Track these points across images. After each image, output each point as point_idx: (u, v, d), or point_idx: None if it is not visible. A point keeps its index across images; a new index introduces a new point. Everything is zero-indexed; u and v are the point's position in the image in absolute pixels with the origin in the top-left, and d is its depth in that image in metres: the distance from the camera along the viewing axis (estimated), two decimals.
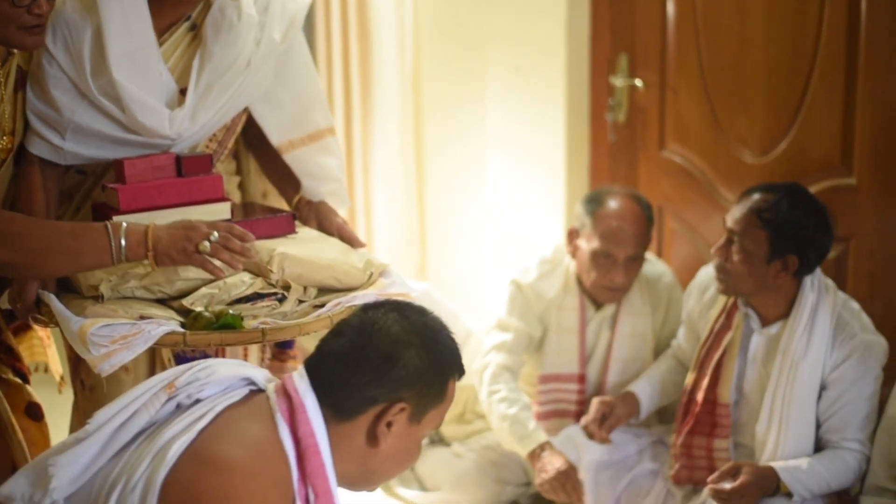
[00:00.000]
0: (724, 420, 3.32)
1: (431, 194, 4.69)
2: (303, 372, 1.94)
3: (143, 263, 2.20)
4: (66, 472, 1.82)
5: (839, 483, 3.15)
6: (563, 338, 3.70)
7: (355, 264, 2.36)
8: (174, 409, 1.91)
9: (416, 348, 1.92)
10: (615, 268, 3.57)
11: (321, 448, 1.87)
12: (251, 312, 2.23)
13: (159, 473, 1.76)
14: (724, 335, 3.33)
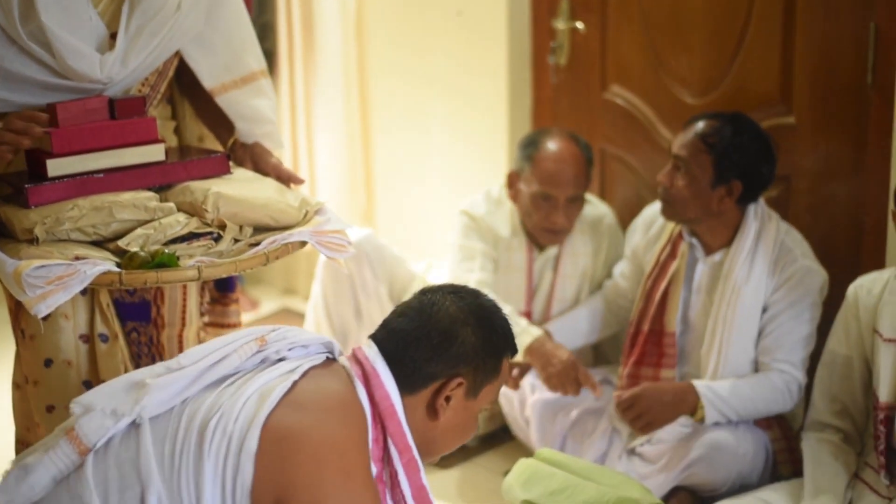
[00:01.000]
0: (671, 350, 3.42)
1: (375, 140, 4.74)
2: (371, 343, 2.12)
3: (78, 204, 2.26)
4: (156, 394, 1.94)
5: (767, 406, 3.27)
6: (510, 276, 3.79)
7: (291, 203, 2.42)
8: (259, 362, 2.05)
9: (472, 327, 2.12)
10: (556, 210, 3.65)
11: (397, 409, 2.05)
12: (187, 252, 2.28)
13: (262, 411, 1.91)
14: (670, 265, 3.43)
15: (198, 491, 1.88)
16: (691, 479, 3.28)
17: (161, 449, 1.91)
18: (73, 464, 1.93)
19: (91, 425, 1.93)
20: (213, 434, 1.90)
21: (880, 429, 2.96)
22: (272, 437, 1.90)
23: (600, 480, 2.89)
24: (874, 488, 3.02)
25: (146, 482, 1.88)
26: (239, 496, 1.88)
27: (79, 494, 1.89)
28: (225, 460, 1.89)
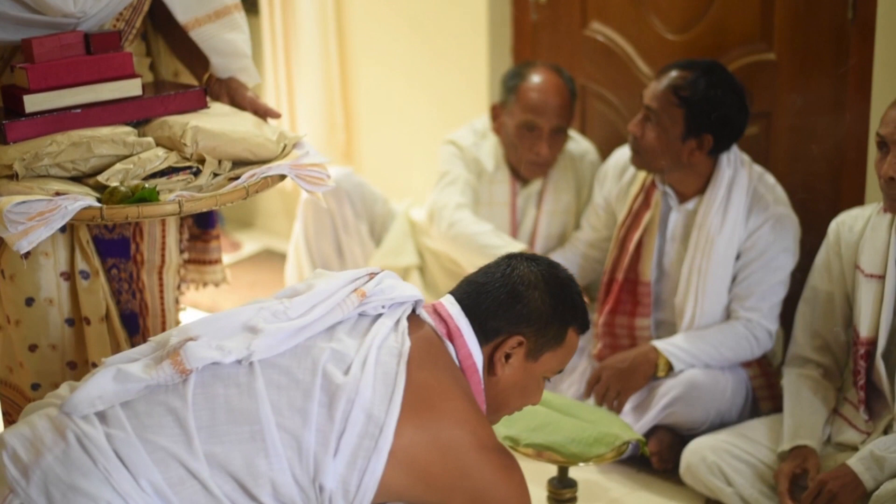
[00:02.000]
0: (646, 299, 3.47)
1: (354, 78, 4.75)
2: (452, 300, 2.20)
3: (56, 140, 2.29)
4: (267, 339, 2.00)
5: (734, 353, 3.35)
6: (494, 210, 3.84)
7: (269, 137, 2.44)
8: (357, 316, 2.12)
9: (541, 292, 2.18)
10: (540, 140, 3.69)
11: (479, 368, 2.13)
12: (167, 186, 2.31)
13: (401, 362, 2.02)
14: (643, 214, 3.46)
15: (324, 446, 1.95)
16: (670, 419, 3.36)
17: (276, 395, 1.97)
18: (172, 382, 1.99)
19: (196, 353, 1.98)
20: (350, 405, 1.97)
21: (860, 364, 3.02)
22: (409, 409, 1.99)
23: (581, 416, 2.94)
24: (853, 423, 3.10)
25: (260, 424, 1.94)
26: (368, 477, 1.96)
27: (174, 408, 1.96)
28: (361, 439, 1.96)
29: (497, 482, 2.03)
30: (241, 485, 1.94)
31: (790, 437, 3.08)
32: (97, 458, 1.91)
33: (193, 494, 1.93)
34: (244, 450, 1.94)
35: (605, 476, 3.37)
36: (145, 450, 1.92)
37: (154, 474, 1.91)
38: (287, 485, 1.95)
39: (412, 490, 2.00)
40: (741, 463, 3.13)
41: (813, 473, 2.98)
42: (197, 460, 1.92)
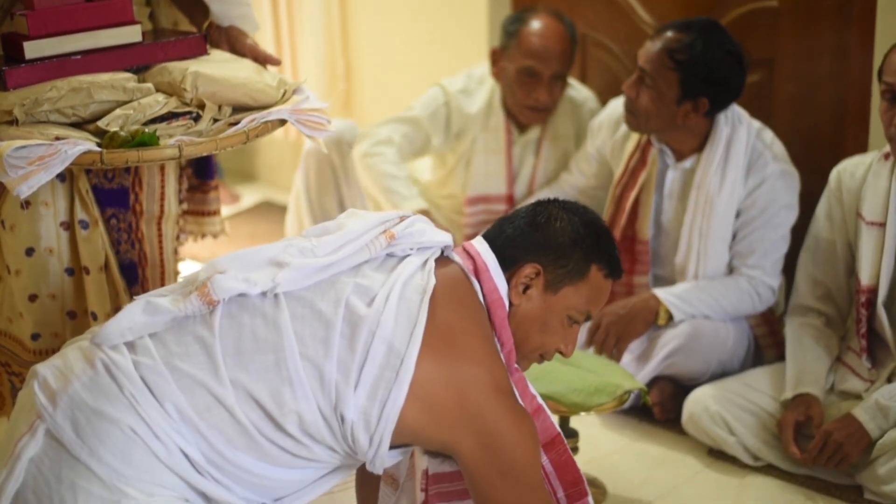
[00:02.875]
0: (644, 257, 3.49)
1: (355, 29, 4.75)
2: (481, 239, 2.23)
3: (56, 85, 2.30)
4: (292, 273, 2.04)
5: (734, 307, 3.36)
6: (489, 159, 3.85)
7: (268, 82, 2.45)
8: (385, 256, 2.15)
9: (563, 223, 2.21)
10: (539, 86, 3.70)
11: (504, 303, 2.15)
12: (167, 132, 2.33)
13: (424, 297, 2.05)
14: (640, 172, 3.47)
15: (345, 376, 1.99)
16: (672, 369, 3.39)
17: (300, 326, 2.02)
18: (200, 313, 2.04)
19: (223, 284, 2.02)
20: (371, 336, 2.01)
21: (862, 312, 3.05)
22: (428, 344, 2.02)
23: (583, 366, 2.97)
24: (856, 371, 3.13)
25: (284, 353, 1.99)
26: (389, 408, 1.99)
27: (202, 337, 2.01)
28: (382, 370, 2.00)
29: (509, 426, 2.04)
30: (267, 414, 1.98)
31: (793, 385, 3.12)
32: (124, 384, 1.96)
33: (220, 422, 1.97)
34: (269, 378, 1.98)
35: (606, 426, 3.40)
36: (172, 377, 1.97)
37: (180, 400, 1.96)
38: (313, 415, 1.99)
39: (425, 428, 2.03)
40: (744, 412, 3.16)
41: (817, 421, 3.02)
42: (223, 387, 1.97)
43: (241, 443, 1.99)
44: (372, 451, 2.02)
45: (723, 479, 3.11)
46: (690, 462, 3.20)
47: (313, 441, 2.02)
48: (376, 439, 2.01)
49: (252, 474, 2.01)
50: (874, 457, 2.94)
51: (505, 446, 2.04)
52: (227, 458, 1.99)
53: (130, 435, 1.94)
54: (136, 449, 1.94)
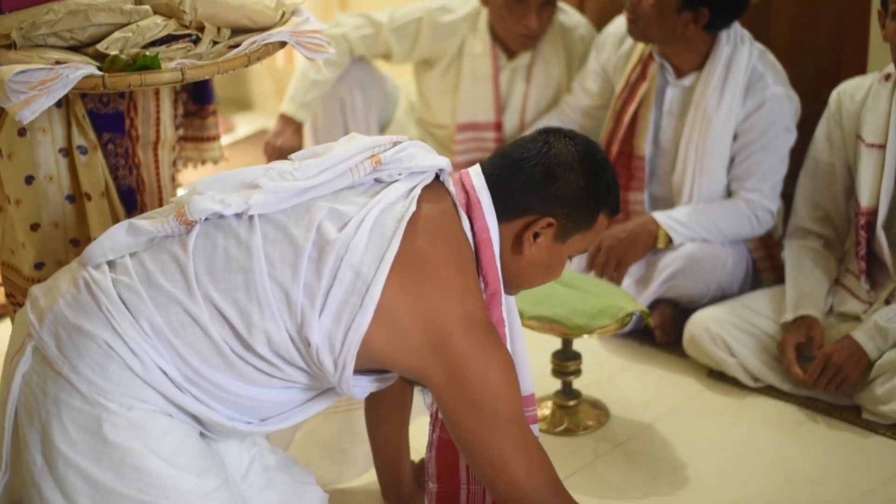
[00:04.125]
0: (640, 173, 3.50)
1: None
2: (479, 170, 2.20)
3: (53, 8, 2.29)
4: (267, 196, 2.05)
5: (733, 230, 3.38)
6: (476, 85, 3.83)
7: (267, 3, 2.43)
8: (373, 181, 2.14)
9: (577, 174, 2.17)
10: (528, 12, 3.68)
11: (493, 242, 2.14)
12: (166, 55, 2.31)
13: (400, 224, 2.03)
14: (640, 87, 3.47)
15: (311, 301, 1.99)
16: (672, 292, 3.41)
17: (271, 248, 2.02)
18: (178, 233, 2.06)
19: (199, 205, 2.04)
20: (339, 261, 2.00)
21: (861, 234, 3.07)
22: (399, 271, 2.01)
23: (585, 289, 2.99)
24: (855, 293, 3.15)
25: (253, 274, 2.00)
26: (352, 333, 2.00)
27: (177, 256, 2.03)
28: (348, 296, 2.00)
29: (477, 357, 2.02)
30: (237, 333, 2.00)
31: (793, 307, 3.14)
32: (101, 300, 2.00)
33: (195, 340, 2.00)
34: (238, 298, 2.00)
35: (608, 349, 3.43)
36: (147, 294, 2.00)
37: (154, 317, 1.99)
38: (281, 336, 2.01)
39: (394, 354, 2.03)
40: (744, 334, 3.18)
41: (817, 342, 3.05)
42: (196, 304, 2.00)
43: (216, 361, 2.01)
44: (337, 374, 2.03)
45: (723, 400, 3.14)
46: (691, 383, 3.23)
47: (285, 362, 2.04)
48: (340, 363, 2.01)
49: (231, 393, 2.04)
50: (872, 377, 2.97)
51: (472, 377, 2.01)
52: (204, 376, 2.01)
53: (107, 349, 1.97)
54: (112, 363, 1.97)
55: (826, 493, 2.68)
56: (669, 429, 2.99)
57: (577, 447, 2.90)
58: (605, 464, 2.83)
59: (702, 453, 2.86)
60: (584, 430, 2.97)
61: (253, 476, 2.25)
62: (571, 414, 3.00)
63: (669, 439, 2.94)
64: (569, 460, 2.83)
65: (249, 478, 2.25)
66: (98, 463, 1.96)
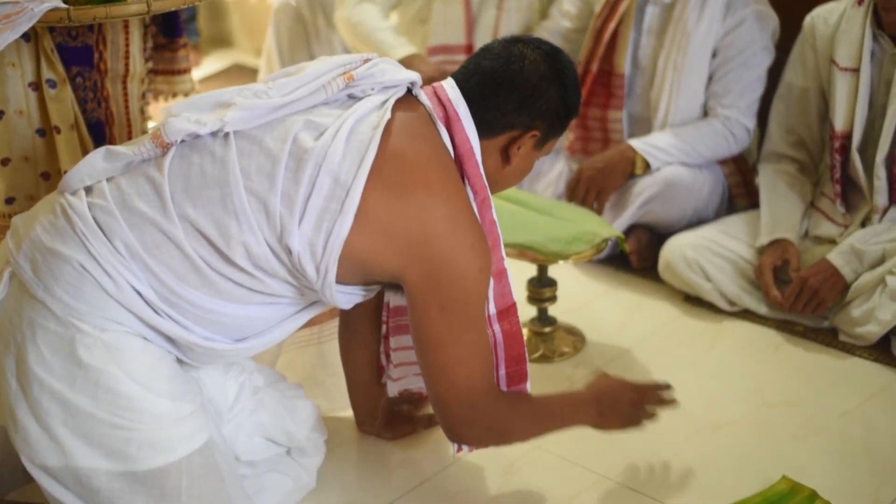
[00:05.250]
0: (619, 91, 3.49)
1: None
2: (453, 84, 2.20)
3: None
4: (241, 113, 2.05)
5: (711, 151, 3.40)
6: (448, 7, 3.80)
7: None
8: (346, 98, 2.14)
9: (558, 87, 2.22)
10: None
11: (476, 152, 2.16)
12: None
13: (377, 131, 2.05)
14: (620, 5, 3.44)
15: (289, 209, 2.01)
16: (647, 217, 3.42)
17: (247, 161, 2.03)
18: (154, 155, 2.07)
19: (174, 126, 2.04)
20: (317, 169, 2.02)
21: (836, 158, 3.07)
22: (386, 160, 2.04)
23: (560, 215, 2.99)
24: (830, 217, 3.16)
25: (230, 188, 2.01)
26: (333, 238, 2.02)
27: (152, 177, 2.04)
28: (327, 203, 2.02)
29: (457, 257, 2.08)
30: (215, 248, 2.02)
31: (768, 230, 3.15)
32: (76, 223, 2.00)
33: (171, 259, 2.01)
34: (215, 212, 2.01)
35: (584, 275, 3.44)
36: (122, 216, 2.01)
37: (129, 238, 2.00)
38: (260, 247, 2.02)
39: (375, 257, 2.07)
40: (720, 259, 3.19)
41: (794, 265, 3.06)
42: (171, 223, 2.00)
43: (193, 280, 2.03)
44: (320, 280, 2.06)
45: (699, 325, 3.16)
46: (667, 309, 3.25)
47: (266, 274, 2.05)
48: (322, 269, 2.04)
49: (208, 311, 2.05)
50: (848, 300, 2.99)
51: (450, 278, 2.08)
52: (180, 296, 2.02)
53: (81, 271, 1.98)
54: (86, 284, 1.99)
55: (803, 415, 2.70)
56: (646, 354, 3.00)
57: (553, 374, 2.92)
58: None
59: (679, 378, 2.85)
60: (561, 356, 2.99)
61: (243, 401, 2.28)
62: (547, 340, 3.01)
63: (646, 364, 2.95)
64: (546, 387, 2.83)
65: (240, 403, 2.27)
66: (72, 385, 1.98)
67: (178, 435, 2.01)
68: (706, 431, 2.65)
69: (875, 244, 2.96)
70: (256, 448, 2.32)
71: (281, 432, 2.33)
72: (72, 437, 1.98)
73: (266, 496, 2.34)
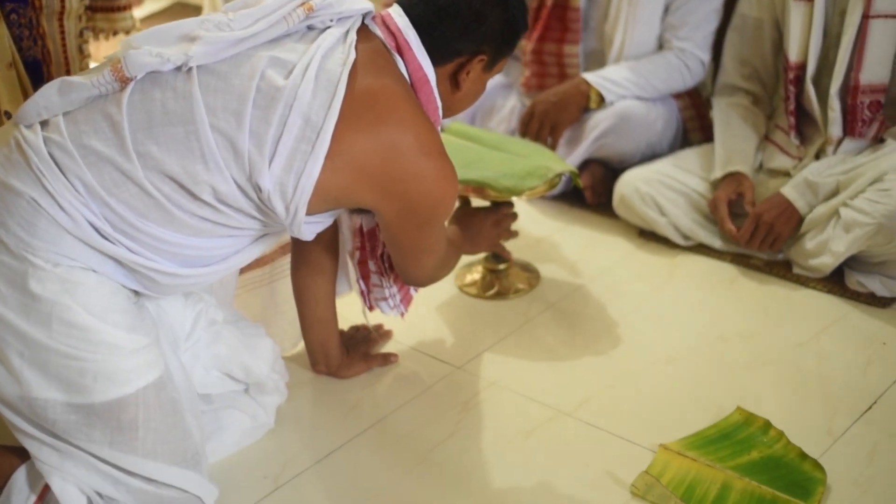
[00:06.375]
0: (575, 24, 3.45)
1: None
2: (401, 11, 2.19)
3: None
4: (205, 47, 2.01)
5: (666, 84, 3.39)
6: None
7: None
8: (306, 29, 2.11)
9: (501, 9, 2.21)
10: None
11: (430, 79, 2.17)
12: None
13: (344, 69, 2.03)
14: None
15: (259, 149, 1.99)
16: (602, 151, 3.41)
17: (212, 98, 2.00)
18: (113, 90, 2.02)
19: (136, 60, 2.00)
20: (288, 109, 1.99)
21: (790, 89, 3.06)
22: (357, 94, 2.03)
23: (511, 150, 2.97)
24: (785, 149, 3.16)
25: (195, 125, 1.98)
26: (304, 179, 2.01)
27: (110, 114, 2.00)
28: (298, 143, 2.00)
29: (431, 188, 2.12)
30: (180, 185, 1.99)
31: (722, 164, 3.15)
32: (31, 158, 1.97)
33: (130, 197, 1.98)
34: (179, 150, 1.98)
35: (538, 211, 3.44)
36: (79, 154, 1.98)
37: (86, 176, 1.97)
38: (227, 185, 2.00)
39: (349, 194, 2.08)
40: (674, 193, 3.19)
41: (748, 198, 3.06)
42: (130, 162, 1.97)
43: (156, 216, 2.01)
44: (289, 218, 2.06)
45: (654, 260, 3.16)
46: (622, 244, 3.25)
47: (232, 209, 2.04)
48: (292, 208, 2.04)
49: (169, 244, 2.04)
50: (802, 232, 3.00)
51: (425, 206, 2.15)
52: (140, 229, 2.01)
53: (35, 206, 1.96)
54: (41, 220, 1.96)
55: (757, 347, 2.72)
56: (601, 289, 3.00)
57: (509, 310, 2.92)
58: (538, 326, 2.85)
59: (635, 312, 2.88)
60: (516, 293, 2.98)
61: (199, 331, 2.29)
62: (502, 278, 3.01)
63: (602, 300, 2.95)
64: (502, 324, 2.84)
65: (196, 333, 2.28)
66: (27, 317, 1.96)
67: (133, 366, 2.00)
68: (661, 365, 2.66)
69: (829, 176, 2.97)
70: (213, 382, 2.33)
71: (238, 367, 2.34)
72: (28, 368, 1.97)
73: (224, 434, 2.35)
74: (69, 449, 2.02)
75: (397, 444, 2.40)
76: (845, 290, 2.94)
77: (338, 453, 2.38)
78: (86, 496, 2.05)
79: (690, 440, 2.35)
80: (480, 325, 2.85)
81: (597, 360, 2.69)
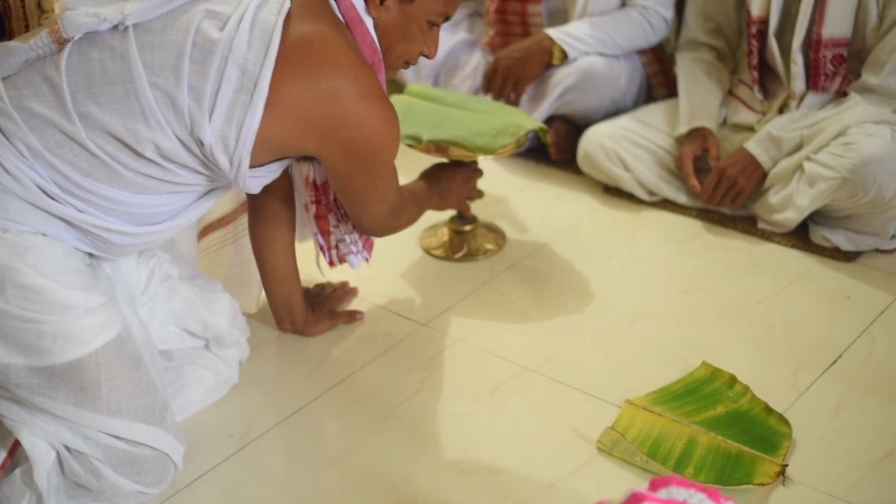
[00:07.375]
0: None
1: None
2: None
3: None
4: (141, 5, 2.00)
5: (628, 41, 3.38)
6: None
7: None
8: None
9: None
10: None
11: (363, 18, 2.19)
12: None
13: (279, 18, 2.01)
14: None
15: (198, 102, 1.97)
16: (566, 108, 3.39)
17: (149, 55, 1.98)
18: (51, 52, 2.01)
19: (72, 21, 1.98)
20: (224, 61, 1.98)
21: (753, 43, 3.06)
22: (291, 45, 2.01)
23: (477, 109, 2.94)
24: (748, 104, 3.16)
25: (134, 83, 1.96)
26: (245, 130, 2.00)
27: (49, 76, 1.98)
28: (237, 94, 1.99)
29: (374, 132, 2.12)
30: (124, 144, 1.99)
31: (687, 119, 3.15)
32: None
33: (75, 158, 1.98)
34: (120, 110, 1.97)
35: (503, 170, 3.43)
36: (21, 118, 1.96)
37: (29, 139, 1.96)
38: (170, 142, 2.00)
39: (291, 142, 2.07)
40: (639, 149, 3.19)
41: (713, 153, 3.06)
42: (72, 123, 1.96)
43: (101, 175, 2.00)
44: (233, 171, 2.05)
45: (619, 216, 3.17)
46: (587, 200, 3.25)
47: (176, 165, 2.03)
48: (235, 160, 2.03)
49: (117, 202, 2.03)
50: (766, 187, 3.01)
51: (368, 152, 2.15)
52: (87, 189, 1.99)
53: None
54: None
55: (723, 302, 2.73)
56: (567, 246, 3.00)
57: (475, 269, 2.91)
58: (503, 283, 2.85)
59: (600, 268, 2.89)
60: (484, 254, 2.97)
61: (154, 286, 2.28)
62: (469, 239, 2.99)
63: (568, 256, 2.95)
64: (467, 282, 2.84)
65: (151, 289, 2.27)
66: None
67: (90, 325, 1.99)
68: (627, 320, 2.66)
69: (792, 130, 2.97)
70: (171, 338, 2.32)
71: (196, 321, 2.33)
72: None
73: (188, 391, 2.35)
74: (36, 407, 2.01)
75: (363, 401, 2.40)
76: (810, 244, 2.95)
77: (304, 411, 2.38)
78: (55, 451, 2.04)
79: (656, 395, 2.36)
80: (446, 283, 2.85)
81: (562, 316, 2.69)
